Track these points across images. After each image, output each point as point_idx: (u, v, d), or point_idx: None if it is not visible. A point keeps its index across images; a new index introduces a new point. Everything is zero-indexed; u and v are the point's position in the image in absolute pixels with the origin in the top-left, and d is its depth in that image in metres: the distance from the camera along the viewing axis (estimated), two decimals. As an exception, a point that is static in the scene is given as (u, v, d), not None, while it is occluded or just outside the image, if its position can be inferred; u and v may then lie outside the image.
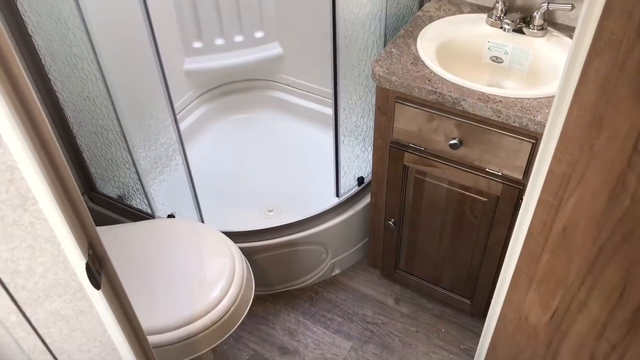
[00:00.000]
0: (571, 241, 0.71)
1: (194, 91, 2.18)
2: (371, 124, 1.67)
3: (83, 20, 1.27)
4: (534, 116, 1.18)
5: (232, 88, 2.26)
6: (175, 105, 2.10)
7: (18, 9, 1.37)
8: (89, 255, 0.65)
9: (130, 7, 1.19)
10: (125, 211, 1.74)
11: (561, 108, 0.63)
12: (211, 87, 2.22)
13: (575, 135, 0.61)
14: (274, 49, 2.14)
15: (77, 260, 0.64)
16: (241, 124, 2.25)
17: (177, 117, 2.11)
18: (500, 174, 1.33)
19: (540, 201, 0.72)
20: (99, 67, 1.34)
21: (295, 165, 2.06)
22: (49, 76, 1.49)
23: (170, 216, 1.67)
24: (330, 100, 1.49)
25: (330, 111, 1.54)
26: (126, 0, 1.20)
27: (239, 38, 2.08)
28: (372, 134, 1.49)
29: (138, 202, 1.70)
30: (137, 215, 1.71)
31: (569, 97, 0.61)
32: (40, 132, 0.58)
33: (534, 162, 1.27)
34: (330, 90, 1.47)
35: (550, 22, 1.43)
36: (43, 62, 1.46)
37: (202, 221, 1.67)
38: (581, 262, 0.72)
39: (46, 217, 0.59)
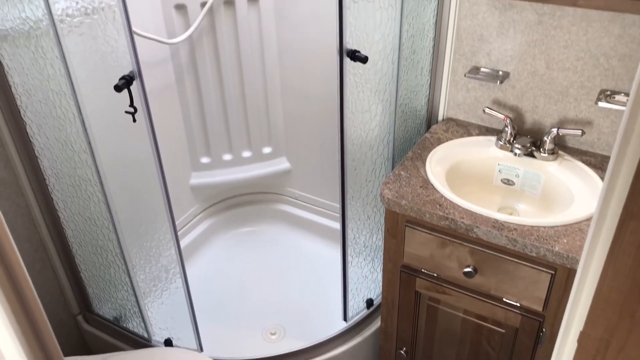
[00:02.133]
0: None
1: (200, 205, 2.15)
2: (380, 243, 1.61)
3: (89, 143, 1.26)
4: (552, 246, 1.12)
5: (238, 201, 2.24)
6: (180, 220, 2.06)
7: (27, 131, 1.37)
8: None
9: (137, 129, 1.18)
10: (121, 335, 1.65)
11: (590, 265, 0.57)
12: (217, 201, 2.20)
13: (613, 298, 0.54)
14: (282, 164, 2.14)
15: None
16: (246, 238, 2.20)
17: (181, 231, 2.08)
18: (518, 304, 1.25)
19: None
20: (102, 189, 1.32)
21: (301, 283, 1.98)
22: (51, 196, 1.47)
23: (168, 341, 1.57)
24: (338, 215, 1.44)
25: (337, 226, 1.50)
26: (132, 123, 1.20)
27: (246, 153, 2.09)
28: (381, 254, 1.43)
29: (135, 326, 1.61)
30: (133, 340, 1.61)
31: (600, 254, 0.55)
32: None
33: (554, 293, 1.20)
34: (337, 205, 1.43)
35: (561, 146, 1.41)
36: (47, 182, 1.45)
37: (201, 347, 1.57)
38: None
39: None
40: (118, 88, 1.10)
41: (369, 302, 1.66)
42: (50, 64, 1.21)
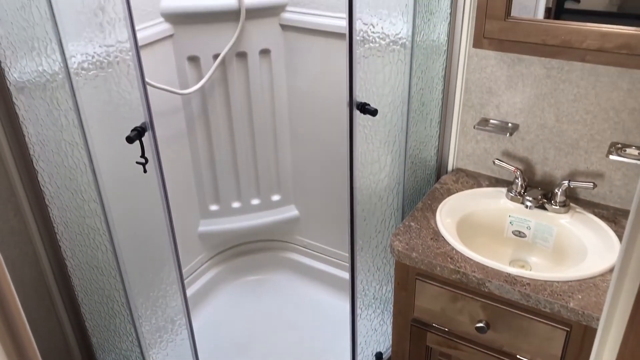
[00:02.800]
0: None
1: (207, 252, 2.14)
2: (390, 295, 1.58)
3: (99, 193, 1.26)
4: (566, 302, 1.10)
5: (246, 249, 2.22)
6: (187, 268, 2.05)
7: (38, 180, 1.38)
8: None
9: (147, 179, 1.19)
10: (123, 387, 1.61)
11: (611, 326, 0.55)
12: (225, 248, 2.19)
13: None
14: (290, 212, 2.13)
15: None
16: (254, 286, 2.17)
17: (188, 279, 2.06)
18: (533, 362, 1.21)
19: None
20: (111, 238, 1.32)
21: (309, 334, 1.94)
22: (59, 244, 1.47)
23: (172, 395, 1.53)
24: (347, 264, 1.42)
25: (346, 275, 1.47)
26: (143, 174, 1.20)
27: (255, 201, 2.09)
28: (391, 306, 1.40)
29: (138, 378, 1.58)
30: (136, 392, 1.57)
31: (621, 315, 0.54)
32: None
33: (570, 350, 1.16)
34: (346, 254, 1.42)
35: (572, 198, 1.40)
36: (55, 231, 1.45)
37: (206, 402, 1.53)
38: None
39: None
40: (130, 140, 1.11)
41: (379, 356, 1.62)
42: (64, 115, 1.22)
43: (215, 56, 1.78)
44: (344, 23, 1.11)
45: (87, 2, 1.09)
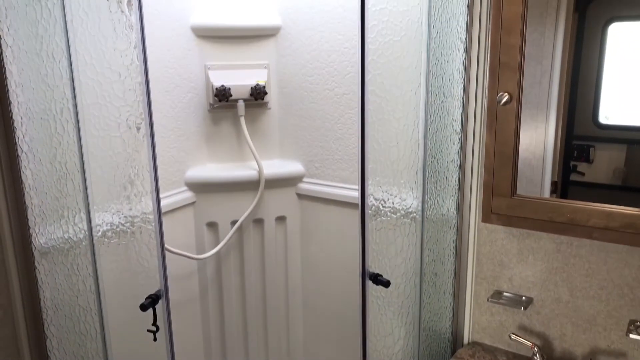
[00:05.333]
0: None
1: None
2: None
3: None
4: None
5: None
6: None
7: (46, 346, 1.36)
8: None
9: (156, 348, 1.17)
10: None
11: None
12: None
13: None
14: (300, 382, 2.04)
15: None
16: None
17: None
18: None
19: None
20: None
21: None
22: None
23: None
24: None
25: None
26: (152, 341, 1.19)
27: (264, 369, 2.01)
28: None
29: None
30: None
31: None
32: None
33: None
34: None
35: None
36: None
37: None
38: None
39: None
40: (144, 307, 1.12)
41: None
42: (83, 280, 1.25)
43: (233, 222, 1.84)
44: (356, 194, 1.17)
45: (118, 176, 1.18)
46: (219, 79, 1.76)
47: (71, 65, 1.13)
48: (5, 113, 1.22)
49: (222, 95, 1.74)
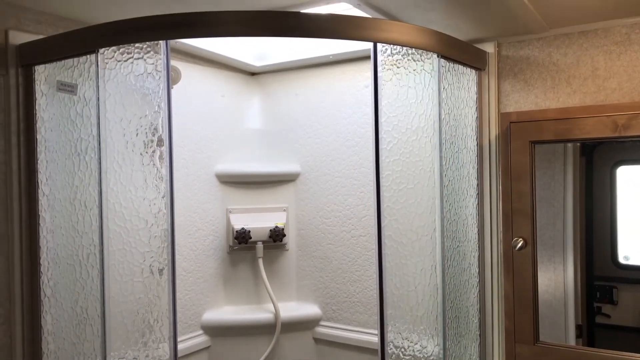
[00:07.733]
0: None
1: None
2: None
3: None
4: None
5: None
6: None
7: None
8: None
9: None
10: None
11: None
12: None
13: None
14: None
15: None
16: None
17: None
18: None
19: None
20: None
21: None
22: None
23: None
24: None
25: None
26: None
27: None
28: None
29: None
30: None
31: None
32: None
33: None
34: None
35: None
36: None
37: None
38: None
39: None
40: None
41: None
42: None
43: (248, 369, 1.79)
44: (375, 339, 1.15)
45: (137, 321, 1.18)
46: (239, 222, 1.82)
47: (101, 213, 1.19)
48: (33, 259, 1.26)
49: (242, 238, 1.79)
